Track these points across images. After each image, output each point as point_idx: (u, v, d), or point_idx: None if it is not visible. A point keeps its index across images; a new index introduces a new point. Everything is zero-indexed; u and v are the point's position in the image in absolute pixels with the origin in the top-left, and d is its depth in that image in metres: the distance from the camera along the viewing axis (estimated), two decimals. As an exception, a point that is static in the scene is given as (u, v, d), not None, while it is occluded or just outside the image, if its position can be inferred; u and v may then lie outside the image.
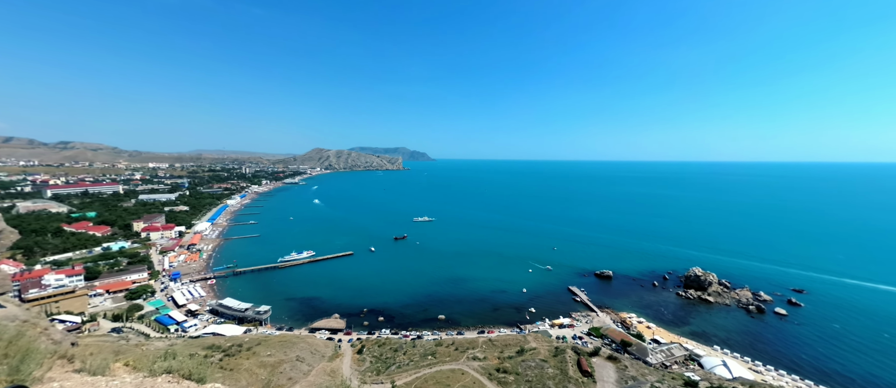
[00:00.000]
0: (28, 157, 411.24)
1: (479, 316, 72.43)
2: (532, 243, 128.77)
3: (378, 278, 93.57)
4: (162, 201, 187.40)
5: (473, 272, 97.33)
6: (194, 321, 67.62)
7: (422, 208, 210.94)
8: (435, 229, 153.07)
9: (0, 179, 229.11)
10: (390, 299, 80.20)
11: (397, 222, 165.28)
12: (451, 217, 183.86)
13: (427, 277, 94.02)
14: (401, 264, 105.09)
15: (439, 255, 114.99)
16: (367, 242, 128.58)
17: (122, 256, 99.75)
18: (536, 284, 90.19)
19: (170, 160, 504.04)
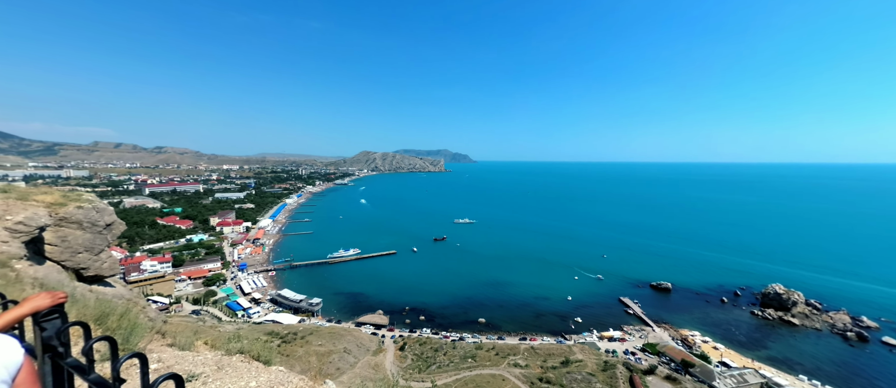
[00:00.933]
0: (132, 160, 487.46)
1: (520, 322, 70.56)
2: (578, 250, 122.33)
3: (420, 277, 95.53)
4: (232, 199, 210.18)
5: (514, 277, 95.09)
6: (257, 309, 74.78)
7: (462, 209, 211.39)
8: (475, 231, 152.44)
9: (112, 179, 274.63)
10: (431, 299, 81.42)
11: (438, 223, 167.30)
12: (492, 219, 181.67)
13: (467, 279, 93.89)
14: (441, 265, 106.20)
15: (479, 257, 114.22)
16: (410, 242, 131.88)
17: (201, 247, 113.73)
18: (583, 292, 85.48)
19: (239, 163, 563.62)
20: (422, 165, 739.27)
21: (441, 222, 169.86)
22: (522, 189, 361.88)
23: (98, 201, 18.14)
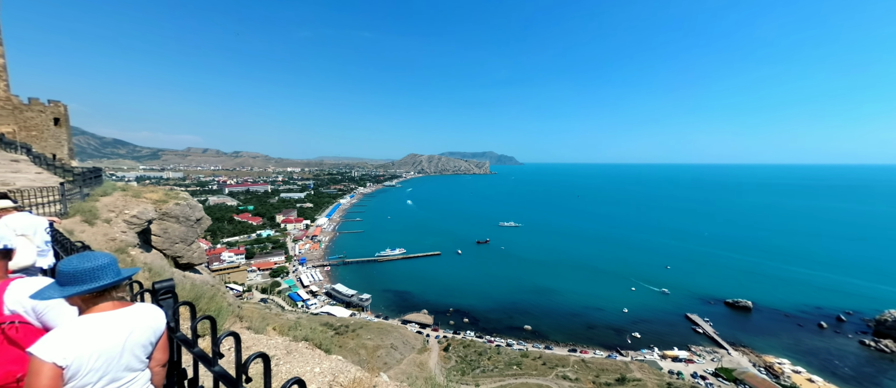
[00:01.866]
0: (215, 163, 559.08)
1: (569, 332, 66.98)
2: (636, 259, 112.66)
3: (464, 279, 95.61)
4: (294, 199, 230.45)
5: (563, 284, 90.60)
6: (314, 301, 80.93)
7: (508, 212, 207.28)
8: (521, 235, 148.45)
9: (200, 180, 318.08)
10: (475, 301, 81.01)
11: (481, 226, 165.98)
12: (539, 223, 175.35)
13: (512, 284, 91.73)
14: (486, 269, 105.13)
15: (525, 262, 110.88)
16: (454, 243, 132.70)
17: (268, 241, 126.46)
18: (642, 305, 78.49)
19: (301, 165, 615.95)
20: (466, 167, 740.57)
21: (485, 225, 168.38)
22: (571, 192, 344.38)
23: (191, 199, 21.04)
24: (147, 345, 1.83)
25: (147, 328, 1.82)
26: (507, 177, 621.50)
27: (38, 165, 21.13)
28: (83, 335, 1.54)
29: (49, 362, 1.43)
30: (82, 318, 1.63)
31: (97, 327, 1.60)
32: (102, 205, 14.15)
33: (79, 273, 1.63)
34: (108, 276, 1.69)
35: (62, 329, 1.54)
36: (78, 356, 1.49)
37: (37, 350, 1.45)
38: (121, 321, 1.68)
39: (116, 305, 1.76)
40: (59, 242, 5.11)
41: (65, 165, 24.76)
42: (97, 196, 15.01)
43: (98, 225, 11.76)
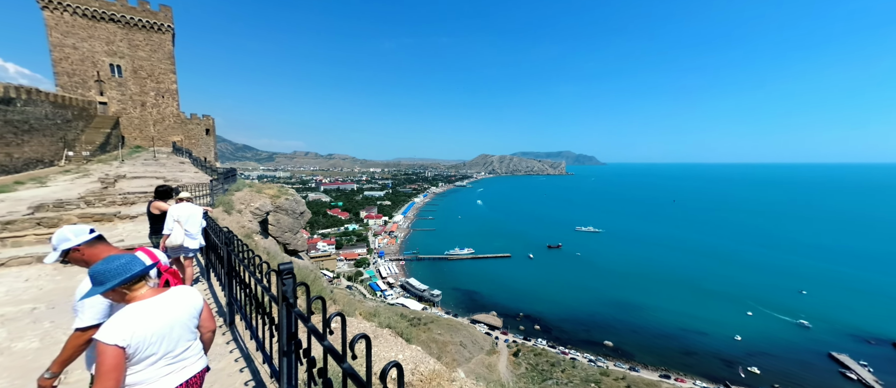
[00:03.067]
0: (313, 164, 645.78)
1: (660, 355, 58.65)
2: (755, 279, 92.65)
3: (536, 285, 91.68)
4: (375, 197, 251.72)
5: (654, 301, 79.72)
6: (391, 292, 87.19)
7: (586, 216, 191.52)
8: (602, 242, 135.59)
9: (302, 179, 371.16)
10: (547, 309, 76.97)
11: (554, 230, 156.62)
12: (624, 230, 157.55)
13: (590, 294, 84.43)
14: (560, 275, 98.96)
15: (606, 272, 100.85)
16: (525, 247, 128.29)
17: (354, 234, 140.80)
18: (762, 335, 64.34)
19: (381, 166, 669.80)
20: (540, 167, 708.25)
21: (558, 229, 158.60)
22: (664, 196, 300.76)
23: (296, 195, 24.58)
24: (191, 319, 2.18)
25: (187, 306, 2.16)
26: (586, 178, 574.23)
27: (195, 166, 27.26)
28: (133, 319, 1.87)
29: (112, 344, 1.76)
30: (129, 306, 1.95)
31: (143, 311, 1.93)
32: (236, 198, 17.50)
33: (100, 274, 1.91)
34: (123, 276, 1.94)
35: (116, 317, 1.87)
36: (134, 336, 1.83)
37: (101, 336, 1.77)
38: (162, 304, 2.02)
39: (153, 292, 2.07)
40: (211, 227, 6.48)
41: (212, 165, 31.44)
42: (232, 191, 18.65)
43: (233, 215, 14.58)
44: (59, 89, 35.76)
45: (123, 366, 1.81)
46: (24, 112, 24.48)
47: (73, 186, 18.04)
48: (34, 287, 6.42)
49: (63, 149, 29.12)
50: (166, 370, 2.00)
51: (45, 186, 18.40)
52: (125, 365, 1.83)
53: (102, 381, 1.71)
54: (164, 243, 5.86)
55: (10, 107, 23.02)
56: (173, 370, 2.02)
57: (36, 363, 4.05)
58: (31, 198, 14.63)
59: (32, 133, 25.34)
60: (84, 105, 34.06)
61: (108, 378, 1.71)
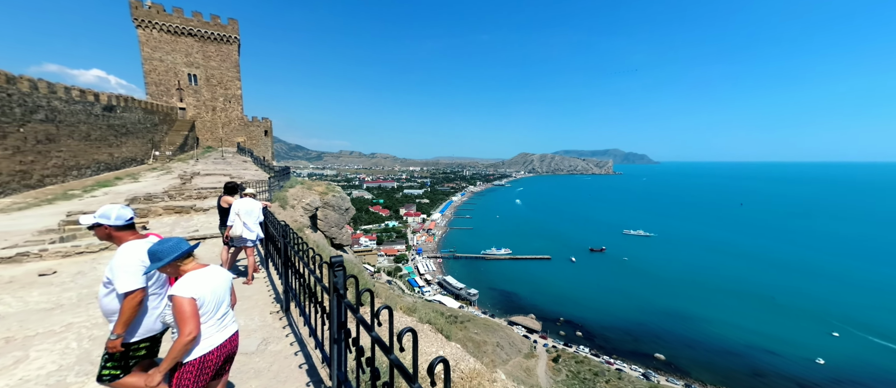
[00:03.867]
0: (357, 163, 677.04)
1: (721, 373, 53.00)
2: (846, 296, 79.90)
3: (578, 289, 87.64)
4: (414, 195, 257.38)
5: (715, 313, 72.24)
6: (428, 288, 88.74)
7: (635, 218, 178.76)
8: (652, 247, 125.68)
9: (347, 177, 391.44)
10: (590, 315, 73.20)
11: (599, 232, 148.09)
12: (681, 234, 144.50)
13: (639, 302, 78.73)
14: (605, 281, 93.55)
15: (657, 279, 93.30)
16: (566, 249, 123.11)
17: (393, 231, 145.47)
18: (852, 360, 55.46)
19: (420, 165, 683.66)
20: (584, 166, 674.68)
21: (603, 231, 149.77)
22: (729, 198, 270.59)
23: (342, 192, 25.92)
24: (226, 290, 2.70)
25: (224, 278, 2.69)
26: (636, 178, 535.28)
27: (256, 165, 29.91)
28: (195, 280, 2.41)
29: (188, 296, 2.30)
30: (186, 275, 2.45)
31: (198, 277, 2.46)
32: (290, 194, 18.90)
33: (158, 253, 2.43)
34: (176, 253, 2.45)
35: (183, 280, 2.40)
36: (201, 292, 2.38)
37: (177, 291, 2.31)
38: (208, 274, 2.54)
39: (198, 266, 2.58)
40: (270, 221, 7.08)
41: (269, 164, 34.33)
42: (287, 188, 20.18)
43: (287, 209, 15.78)
44: (148, 97, 41.38)
45: (198, 312, 2.33)
46: (122, 118, 28.69)
47: (158, 181, 20.78)
48: (131, 268, 7.49)
49: (151, 149, 33.66)
50: (217, 327, 2.51)
51: (137, 181, 21.40)
52: (199, 314, 2.34)
53: (187, 324, 2.25)
54: (227, 233, 6.53)
55: (112, 113, 27.11)
56: (220, 328, 2.53)
57: (133, 333, 4.75)
58: (127, 191, 17.09)
59: (128, 135, 29.61)
60: (167, 111, 39.05)
61: (191, 322, 2.26)
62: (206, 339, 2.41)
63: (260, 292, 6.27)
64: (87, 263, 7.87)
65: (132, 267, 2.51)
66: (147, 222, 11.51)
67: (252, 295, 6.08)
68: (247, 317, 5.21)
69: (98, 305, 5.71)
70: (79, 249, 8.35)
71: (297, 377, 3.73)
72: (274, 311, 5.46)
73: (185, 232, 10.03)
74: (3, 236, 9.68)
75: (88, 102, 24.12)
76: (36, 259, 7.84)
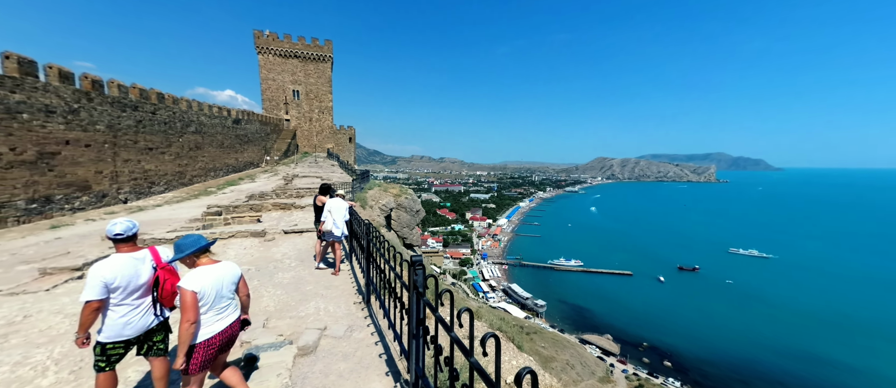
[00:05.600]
0: (427, 167, 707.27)
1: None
2: None
3: (666, 312, 76.61)
4: (480, 199, 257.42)
5: (859, 360, 55.76)
6: (493, 295, 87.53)
7: (746, 235, 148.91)
8: (769, 270, 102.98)
9: (417, 180, 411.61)
10: (683, 344, 63.20)
11: (694, 249, 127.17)
12: (809, 257, 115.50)
13: (749, 335, 65.18)
14: (703, 306, 79.89)
15: (776, 310, 76.01)
16: (651, 265, 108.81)
17: (459, 234, 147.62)
18: None
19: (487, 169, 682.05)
20: (677, 172, 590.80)
21: (699, 249, 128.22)
22: (882, 214, 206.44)
23: (413, 195, 27.25)
24: (232, 284, 3.07)
25: (230, 274, 3.06)
26: (749, 187, 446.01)
27: (342, 169, 33.38)
28: (199, 275, 2.82)
29: (190, 290, 2.73)
30: (195, 269, 2.90)
31: (204, 273, 2.87)
32: (369, 196, 20.62)
33: (181, 246, 2.93)
34: (194, 247, 2.94)
35: (190, 274, 2.83)
36: (202, 286, 2.78)
37: (183, 284, 2.75)
38: (215, 270, 2.95)
39: (211, 261, 3.02)
40: (355, 219, 7.81)
41: (352, 168, 38.09)
42: (366, 190, 22.06)
43: (367, 209, 17.25)
44: (263, 111, 49.74)
45: (198, 304, 2.76)
46: (245, 129, 35.02)
47: (268, 182, 24.70)
48: (248, 254, 9.07)
49: (263, 154, 40.33)
50: (215, 317, 2.90)
51: (254, 181, 25.77)
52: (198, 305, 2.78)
53: (187, 313, 2.70)
54: (320, 228, 7.41)
55: (238, 125, 33.31)
56: (219, 318, 2.93)
57: (255, 307, 5.72)
58: (247, 190, 20.69)
59: (249, 143, 35.99)
60: (277, 122, 46.39)
61: (191, 311, 2.71)
62: (206, 326, 2.83)
63: (345, 283, 6.95)
64: (222, 245, 9.77)
65: (93, 280, 2.76)
66: (260, 216, 13.80)
67: (339, 285, 6.78)
68: (334, 305, 5.82)
69: None
70: (216, 234, 10.42)
71: (378, 365, 4.02)
72: (357, 301, 5.99)
73: (287, 225, 11.71)
74: (168, 223, 12.64)
75: (223, 116, 30.09)
76: (188, 241, 10.01)
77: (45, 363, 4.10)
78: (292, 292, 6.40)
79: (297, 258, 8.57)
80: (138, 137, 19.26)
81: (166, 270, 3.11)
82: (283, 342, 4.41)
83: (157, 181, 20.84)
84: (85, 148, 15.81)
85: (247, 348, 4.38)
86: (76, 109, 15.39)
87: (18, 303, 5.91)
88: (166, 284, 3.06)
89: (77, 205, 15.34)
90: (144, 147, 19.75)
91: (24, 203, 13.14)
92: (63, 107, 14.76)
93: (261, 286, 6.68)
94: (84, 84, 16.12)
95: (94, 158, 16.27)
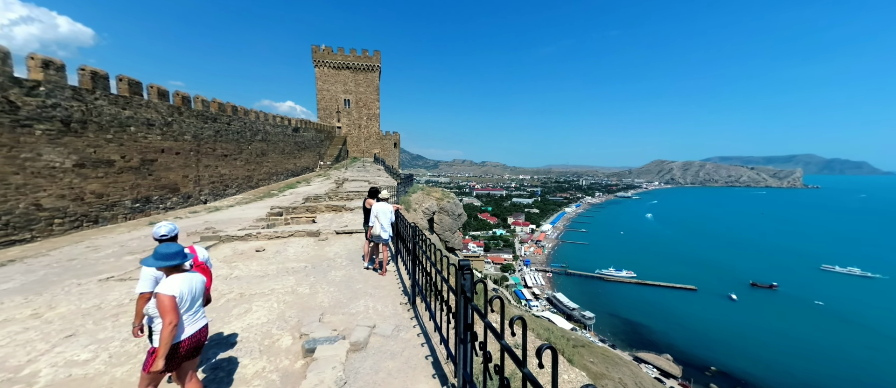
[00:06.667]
0: (468, 171, 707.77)
1: None
2: None
3: (739, 334, 67.69)
4: (523, 204, 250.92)
5: None
6: (536, 303, 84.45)
7: (844, 250, 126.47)
8: (877, 293, 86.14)
9: (458, 184, 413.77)
10: (760, 372, 55.29)
11: (773, 264, 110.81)
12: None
13: (850, 368, 54.96)
14: (786, 330, 69.22)
15: (884, 338, 63.10)
16: (719, 280, 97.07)
17: (501, 239, 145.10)
18: None
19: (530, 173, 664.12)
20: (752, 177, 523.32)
21: (781, 264, 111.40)
22: None
23: (455, 199, 27.38)
24: (201, 290, 3.32)
25: (199, 282, 3.30)
26: (849, 193, 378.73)
27: (387, 173, 34.69)
28: (177, 282, 3.05)
29: (169, 294, 2.95)
30: (171, 276, 3.10)
31: (180, 279, 3.09)
32: (412, 199, 21.15)
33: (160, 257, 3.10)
34: (175, 260, 3.12)
35: (167, 281, 3.05)
36: (180, 291, 3.02)
37: (161, 290, 2.96)
38: (188, 278, 3.17)
39: (183, 271, 3.24)
40: (401, 222, 8.06)
41: (397, 172, 39.43)
42: (410, 193, 22.66)
43: (410, 212, 17.71)
44: (318, 120, 53.70)
45: (177, 307, 2.98)
46: (302, 136, 38.10)
47: (322, 186, 26.52)
48: (305, 253, 9.79)
49: (317, 160, 43.48)
50: (190, 320, 3.14)
51: (309, 185, 27.82)
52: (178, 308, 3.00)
53: (168, 315, 2.90)
54: (369, 231, 7.74)
55: (297, 133, 36.35)
56: (192, 321, 3.17)
57: (311, 302, 6.17)
58: (303, 193, 22.38)
59: (305, 149, 39.07)
60: (330, 130, 49.79)
61: (171, 313, 2.92)
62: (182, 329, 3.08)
63: (391, 283, 7.18)
64: (282, 244, 10.69)
65: (145, 274, 3.28)
66: (315, 217, 14.85)
67: (385, 286, 7.02)
68: (382, 304, 6.04)
69: (285, 278, 7.46)
70: (278, 234, 11.43)
71: (424, 367, 4.07)
72: (403, 302, 6.15)
73: (338, 226, 12.45)
74: (238, 221, 14.14)
75: (284, 126, 33.05)
76: (254, 239, 11.12)
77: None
78: (344, 289, 6.77)
79: (348, 258, 9.05)
80: (216, 146, 21.91)
81: (201, 267, 3.63)
82: (337, 337, 4.67)
83: (230, 184, 23.47)
84: (175, 155, 18.37)
85: (304, 339, 4.72)
86: (170, 122, 17.98)
87: (126, 287, 7.01)
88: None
89: (169, 205, 17.86)
90: (221, 154, 22.39)
91: (130, 202, 15.61)
92: (160, 120, 17.33)
93: (316, 283, 7.17)
94: (176, 100, 18.79)
95: (182, 164, 18.84)
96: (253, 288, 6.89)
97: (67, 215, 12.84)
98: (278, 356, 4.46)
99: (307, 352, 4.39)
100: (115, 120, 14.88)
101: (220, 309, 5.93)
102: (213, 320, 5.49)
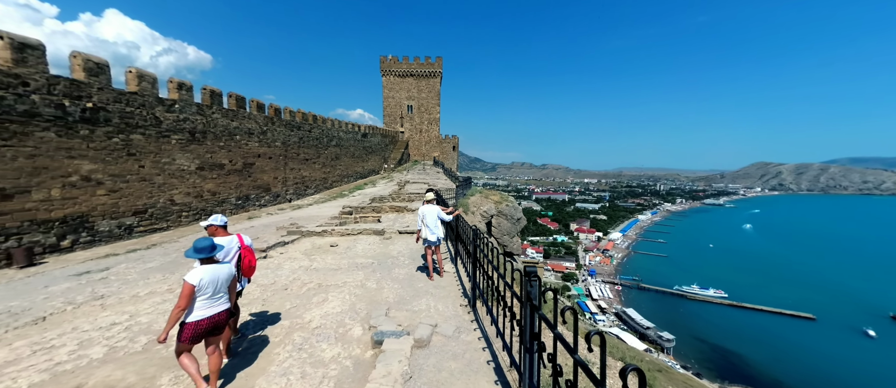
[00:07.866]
0: (528, 174, 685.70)
1: None
2: None
3: (881, 379, 53.39)
4: (589, 209, 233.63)
5: None
6: (602, 317, 77.80)
7: None
8: None
9: (517, 188, 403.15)
10: (912, 436, 42.80)
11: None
12: None
13: None
14: (957, 385, 52.37)
15: None
16: (848, 310, 78.07)
17: (562, 246, 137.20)
18: None
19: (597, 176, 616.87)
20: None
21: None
22: None
23: (514, 202, 26.72)
24: (226, 280, 3.69)
25: (226, 274, 3.69)
26: None
27: (446, 176, 35.36)
28: (201, 272, 3.48)
29: (190, 283, 3.38)
30: (201, 267, 3.56)
31: (206, 270, 3.52)
32: (471, 202, 21.20)
33: (195, 249, 3.58)
34: (207, 253, 3.60)
35: (193, 270, 3.51)
36: (200, 280, 3.43)
37: (186, 277, 3.41)
38: (216, 269, 3.62)
39: (214, 261, 3.71)
40: (462, 224, 8.11)
41: (455, 174, 39.99)
42: (469, 196, 22.75)
43: (469, 215, 17.78)
44: (384, 125, 57.30)
45: (193, 295, 3.40)
46: (370, 141, 41.04)
47: (386, 187, 28.16)
48: (372, 250, 10.48)
49: (382, 163, 46.37)
50: (207, 305, 3.52)
51: (375, 186, 29.76)
52: (194, 295, 3.42)
53: (180, 301, 3.34)
54: (418, 234, 7.73)
55: (365, 139, 39.29)
56: (210, 305, 3.54)
57: (378, 296, 6.59)
58: (370, 194, 24.01)
59: (372, 153, 41.99)
60: (394, 134, 52.78)
61: (184, 299, 3.35)
62: (199, 310, 3.46)
63: (451, 284, 7.28)
64: (352, 241, 11.62)
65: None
66: (380, 216, 15.84)
67: (446, 286, 7.15)
68: (443, 304, 6.16)
69: (355, 272, 8.00)
70: (348, 231, 12.47)
71: (486, 371, 4.03)
72: (462, 304, 6.18)
73: (401, 226, 13.07)
74: (316, 219, 15.78)
75: (354, 132, 35.99)
76: (329, 235, 12.28)
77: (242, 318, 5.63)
78: (407, 287, 7.07)
79: (410, 257, 9.44)
80: (300, 151, 24.81)
81: (247, 249, 4.46)
82: (402, 332, 4.89)
83: (310, 185, 26.34)
84: (268, 160, 21.28)
85: (373, 331, 5.04)
86: (265, 130, 20.91)
87: (232, 271, 8.30)
88: (245, 260, 4.44)
89: (262, 202, 20.75)
90: (303, 158, 25.28)
91: (234, 200, 18.52)
92: (257, 129, 20.26)
93: (382, 279, 7.62)
94: (270, 111, 21.78)
95: (273, 167, 21.75)
96: (329, 280, 7.60)
97: (191, 209, 15.76)
98: (351, 344, 4.84)
99: (375, 343, 4.68)
100: (226, 130, 17.83)
101: (303, 296, 6.67)
102: (298, 306, 6.22)
